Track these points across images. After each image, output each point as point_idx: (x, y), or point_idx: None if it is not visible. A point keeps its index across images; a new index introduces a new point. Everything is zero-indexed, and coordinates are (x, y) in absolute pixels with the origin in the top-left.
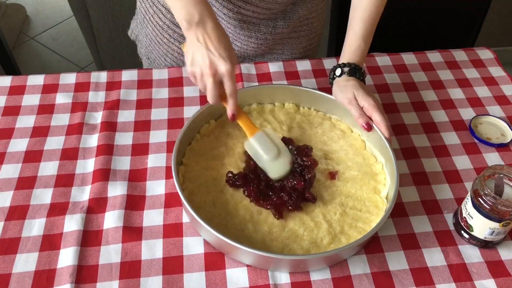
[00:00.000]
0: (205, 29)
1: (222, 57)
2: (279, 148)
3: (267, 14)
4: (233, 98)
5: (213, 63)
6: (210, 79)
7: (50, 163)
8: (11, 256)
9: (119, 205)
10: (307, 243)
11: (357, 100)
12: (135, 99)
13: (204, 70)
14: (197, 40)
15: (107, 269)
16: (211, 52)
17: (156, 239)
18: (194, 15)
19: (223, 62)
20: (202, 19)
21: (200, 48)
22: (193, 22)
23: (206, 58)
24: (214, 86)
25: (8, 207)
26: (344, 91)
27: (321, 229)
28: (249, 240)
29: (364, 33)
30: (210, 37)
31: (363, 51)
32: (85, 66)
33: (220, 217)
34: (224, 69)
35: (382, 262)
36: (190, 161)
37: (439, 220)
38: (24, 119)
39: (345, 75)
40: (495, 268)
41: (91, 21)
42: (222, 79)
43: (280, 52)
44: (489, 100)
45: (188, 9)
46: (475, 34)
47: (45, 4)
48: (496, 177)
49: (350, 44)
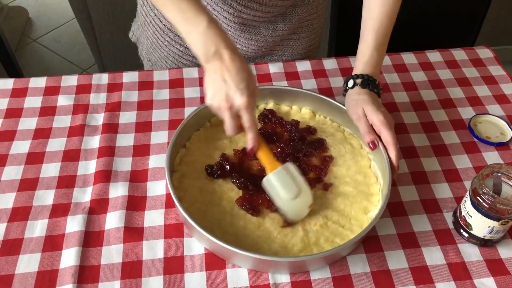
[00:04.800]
0: (222, 61)
1: (239, 90)
2: (300, 186)
3: (267, 17)
4: (251, 131)
5: (229, 96)
6: (226, 112)
7: (52, 165)
8: (14, 257)
9: (120, 206)
10: (277, 245)
11: (367, 116)
12: (136, 100)
13: (221, 104)
14: (214, 73)
15: (109, 269)
16: (227, 84)
17: (157, 240)
18: (210, 48)
19: (239, 95)
20: (218, 51)
21: (217, 81)
22: (209, 54)
23: (223, 91)
24: (231, 120)
25: (11, 208)
26: (355, 105)
27: (295, 235)
28: (222, 230)
29: (377, 44)
30: (228, 69)
31: (377, 61)
32: (87, 67)
33: (202, 203)
34: (239, 102)
35: (381, 261)
36: (193, 145)
37: (438, 219)
38: (26, 121)
39: (357, 87)
40: (495, 266)
41: (92, 23)
42: (239, 113)
43: (281, 53)
44: (489, 99)
45: (205, 43)
46: (475, 33)
47: (47, 6)
48: (494, 175)
49: (362, 55)
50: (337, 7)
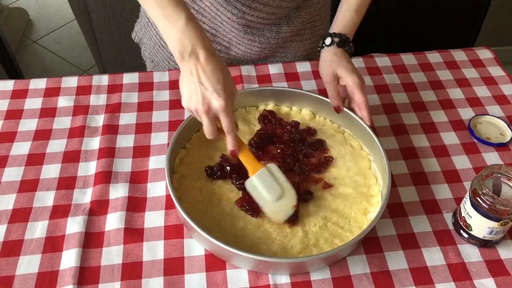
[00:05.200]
0: (198, 60)
1: (215, 92)
2: (283, 187)
3: (271, 19)
4: (231, 134)
5: (206, 98)
6: (203, 116)
7: (52, 166)
8: (14, 258)
9: (120, 207)
10: (276, 247)
11: (340, 78)
12: (136, 101)
13: (197, 107)
14: (190, 73)
15: (109, 271)
16: (203, 86)
17: (157, 241)
18: (187, 46)
19: (216, 97)
20: (194, 50)
21: (193, 82)
22: (185, 53)
23: (199, 93)
24: (209, 123)
25: (11, 209)
26: (329, 66)
27: (295, 236)
28: (222, 231)
29: (358, 7)
30: (203, 69)
31: (355, 23)
32: (87, 68)
33: (202, 204)
34: (217, 105)
35: (381, 262)
36: (193, 146)
37: (438, 219)
38: (26, 123)
39: (333, 46)
40: (494, 267)
41: (93, 24)
42: (218, 115)
43: (283, 55)
44: (489, 100)
45: (181, 39)
46: (475, 34)
47: (47, 7)
48: (494, 176)
49: (343, 15)
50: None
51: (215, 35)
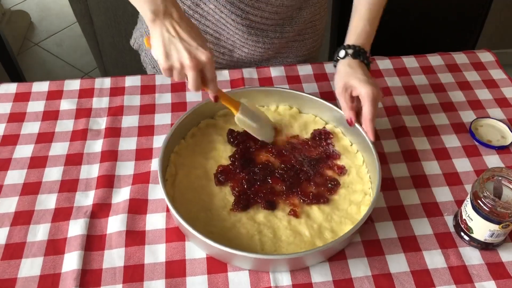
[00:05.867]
0: (173, 18)
1: (200, 46)
2: (260, 114)
3: (274, 19)
4: (214, 82)
5: (192, 53)
6: (192, 71)
7: (55, 169)
8: (17, 261)
9: (122, 210)
10: (276, 248)
11: (353, 89)
12: (139, 104)
13: (185, 62)
14: (166, 32)
15: (111, 273)
16: (186, 42)
17: (158, 243)
18: (159, 5)
19: (202, 51)
20: (168, 9)
21: (172, 40)
22: (159, 12)
23: (183, 50)
24: (196, 76)
25: (13, 212)
26: (343, 77)
27: (295, 238)
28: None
29: (370, 16)
30: (180, 26)
31: (369, 34)
32: (89, 71)
33: (197, 207)
34: (205, 57)
35: (383, 264)
36: (187, 149)
37: (439, 222)
38: (29, 126)
39: (348, 57)
40: (496, 270)
41: (94, 27)
42: (203, 68)
43: (285, 55)
44: (490, 103)
45: (153, 0)
46: (476, 37)
47: (49, 10)
48: (495, 179)
49: (355, 26)
50: (338, 8)
51: (218, 38)
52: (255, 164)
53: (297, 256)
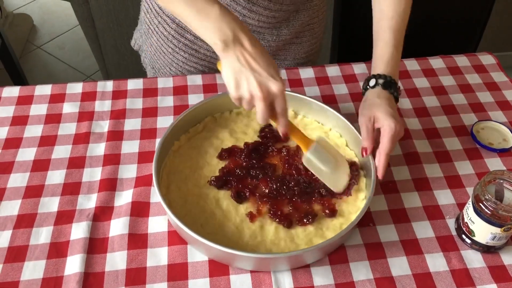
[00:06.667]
0: (243, 47)
1: (271, 76)
2: (336, 157)
3: (272, 22)
4: (284, 116)
5: (263, 84)
6: (261, 102)
7: (57, 172)
8: (19, 264)
9: (124, 213)
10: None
11: (377, 120)
12: (141, 107)
13: (255, 93)
14: (237, 61)
15: (113, 276)
16: (257, 72)
17: (161, 246)
18: (227, 33)
19: (273, 82)
20: (237, 35)
21: (243, 70)
22: (229, 41)
23: (254, 80)
24: (265, 108)
25: (16, 215)
26: (369, 107)
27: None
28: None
29: (395, 42)
30: (252, 55)
31: (396, 61)
32: (91, 74)
33: (195, 209)
34: (276, 89)
35: (385, 267)
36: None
37: (441, 225)
38: (32, 129)
39: (379, 87)
40: (498, 273)
41: (96, 30)
42: (274, 99)
43: (283, 58)
44: (491, 106)
45: (221, 28)
46: (478, 39)
47: (51, 13)
48: (496, 182)
49: (382, 54)
50: (339, 11)
51: None
52: (262, 159)
53: (297, 254)
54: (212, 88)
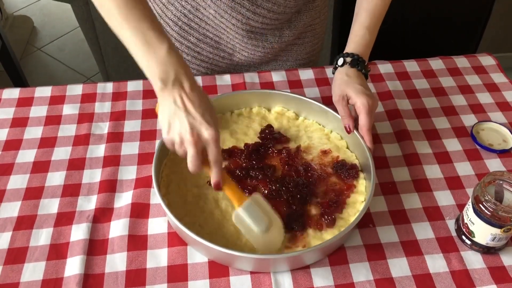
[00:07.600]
0: (182, 89)
1: (205, 121)
2: (270, 217)
3: (274, 24)
4: (217, 166)
5: (195, 128)
6: (191, 147)
7: (57, 173)
8: (19, 266)
9: (124, 214)
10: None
11: (350, 98)
12: (141, 109)
13: (185, 137)
14: (173, 103)
15: (113, 278)
16: (191, 115)
17: (161, 248)
18: (170, 73)
19: (205, 127)
20: (178, 78)
21: (177, 112)
22: (169, 81)
23: (186, 123)
24: (196, 154)
25: (16, 217)
26: (339, 85)
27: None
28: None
29: (370, 24)
30: (189, 98)
31: (368, 42)
32: (91, 76)
33: (194, 211)
34: (208, 135)
35: (384, 269)
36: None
37: (441, 226)
38: (32, 130)
39: (346, 66)
40: (498, 274)
41: (96, 32)
42: (206, 146)
43: (285, 59)
44: (491, 107)
45: (163, 67)
46: (477, 41)
47: (51, 15)
48: (496, 183)
49: (355, 35)
50: (339, 11)
51: (218, 42)
52: (262, 160)
53: (297, 254)
54: (212, 90)
